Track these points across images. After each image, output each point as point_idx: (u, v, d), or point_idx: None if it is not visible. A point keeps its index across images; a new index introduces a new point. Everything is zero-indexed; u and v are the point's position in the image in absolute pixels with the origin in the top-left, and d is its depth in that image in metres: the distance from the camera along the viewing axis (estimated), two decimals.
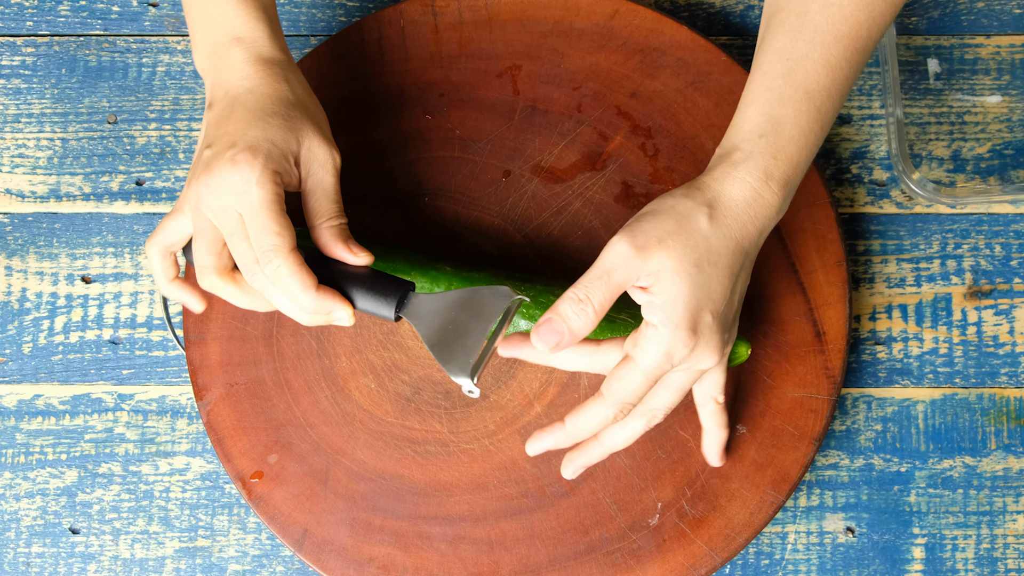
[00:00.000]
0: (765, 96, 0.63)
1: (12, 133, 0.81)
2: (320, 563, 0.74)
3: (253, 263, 0.62)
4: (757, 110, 0.63)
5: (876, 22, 0.64)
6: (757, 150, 0.62)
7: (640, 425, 0.66)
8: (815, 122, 0.63)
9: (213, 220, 0.62)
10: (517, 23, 0.78)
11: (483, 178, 0.77)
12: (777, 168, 0.62)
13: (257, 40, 0.66)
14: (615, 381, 0.62)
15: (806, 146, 0.63)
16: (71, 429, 0.79)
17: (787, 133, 0.63)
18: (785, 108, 0.63)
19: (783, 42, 0.64)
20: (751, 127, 0.63)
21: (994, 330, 0.78)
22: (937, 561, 0.77)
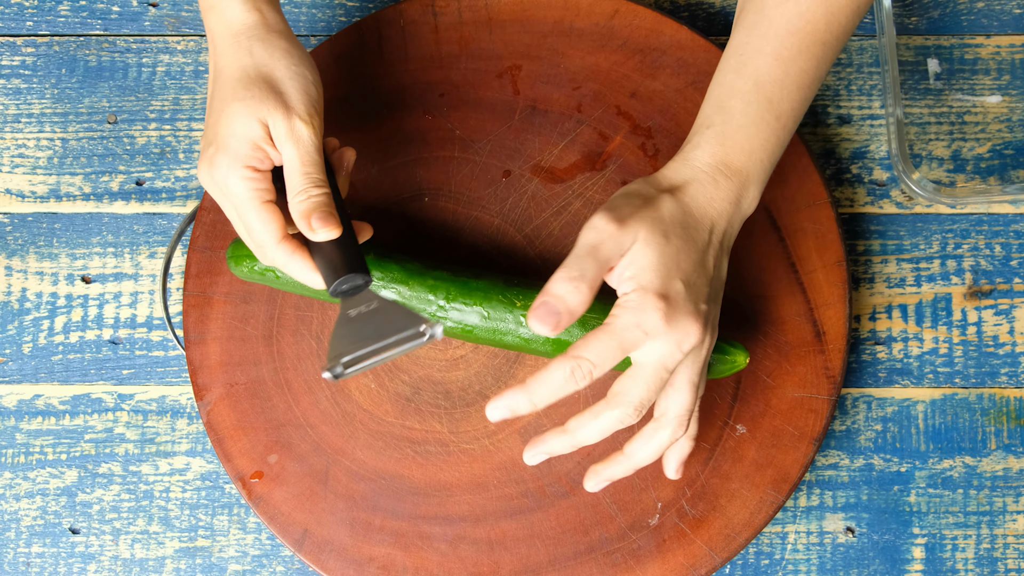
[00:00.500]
0: (717, 91, 0.65)
1: (12, 133, 0.81)
2: (320, 563, 0.74)
3: (257, 248, 0.65)
4: (709, 105, 0.65)
5: (835, 16, 0.64)
6: (704, 140, 0.64)
7: (666, 436, 0.64)
8: (766, 112, 0.64)
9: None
10: (517, 23, 0.78)
11: (483, 178, 0.77)
12: (727, 155, 0.64)
13: (229, 8, 0.65)
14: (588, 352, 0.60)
15: (758, 135, 0.64)
16: (71, 429, 0.79)
17: (735, 122, 0.64)
18: (733, 99, 0.64)
19: (739, 39, 0.65)
20: (701, 120, 0.65)
21: (994, 330, 0.78)
22: (937, 561, 0.77)
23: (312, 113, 0.64)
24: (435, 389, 0.75)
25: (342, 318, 0.63)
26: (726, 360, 0.70)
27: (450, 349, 0.75)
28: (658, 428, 0.64)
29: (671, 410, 0.63)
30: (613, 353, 0.59)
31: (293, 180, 0.64)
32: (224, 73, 0.65)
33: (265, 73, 0.64)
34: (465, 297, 0.71)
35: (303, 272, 0.65)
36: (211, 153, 0.64)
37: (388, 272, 0.71)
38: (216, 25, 0.65)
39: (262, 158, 0.64)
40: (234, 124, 0.63)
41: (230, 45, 0.65)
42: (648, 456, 0.64)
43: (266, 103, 0.63)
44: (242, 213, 0.64)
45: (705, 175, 0.63)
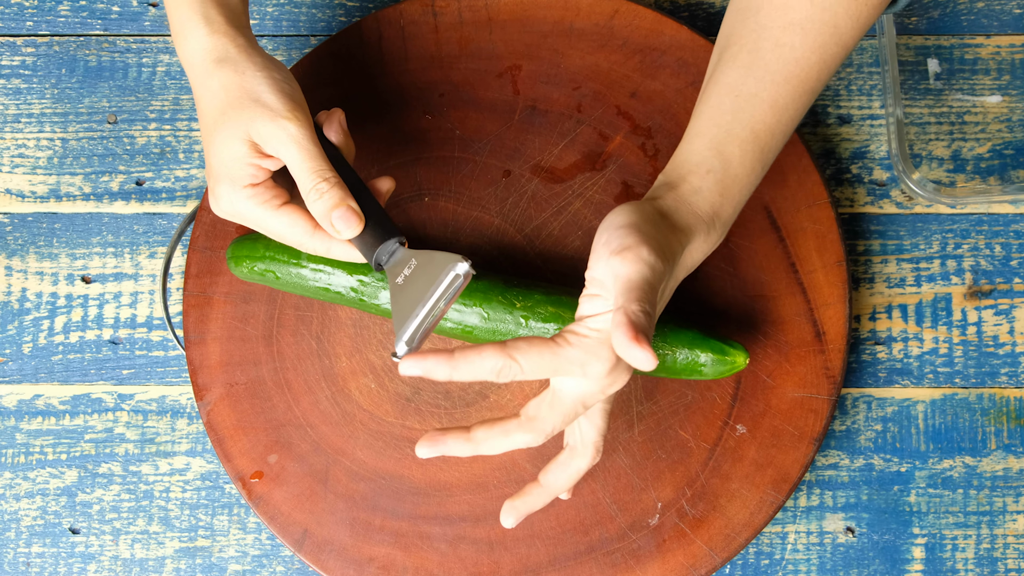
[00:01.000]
0: (713, 131, 0.63)
1: (12, 133, 0.81)
2: (320, 563, 0.74)
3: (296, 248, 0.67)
4: (705, 144, 0.63)
5: (827, 65, 0.63)
6: (706, 186, 0.62)
7: (584, 464, 0.64)
8: (758, 163, 0.63)
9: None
10: (517, 23, 0.78)
11: (483, 178, 0.77)
12: (722, 207, 0.62)
13: (191, 36, 0.65)
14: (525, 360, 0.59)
15: (747, 186, 0.63)
16: (71, 429, 0.79)
17: (732, 172, 0.62)
18: (732, 146, 0.62)
19: (733, 77, 0.63)
20: (699, 160, 0.63)
21: (994, 330, 0.78)
22: (937, 561, 0.77)
23: (293, 108, 0.64)
24: (435, 389, 0.75)
25: (393, 289, 0.63)
26: (726, 360, 0.70)
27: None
28: (574, 456, 0.63)
29: (587, 437, 0.63)
30: (546, 372, 0.59)
31: (300, 180, 0.64)
32: (202, 103, 0.65)
33: (236, 91, 0.64)
34: (465, 298, 0.71)
35: (347, 253, 0.66)
36: (212, 187, 0.65)
37: None
38: (185, 55, 0.66)
39: (255, 173, 0.64)
40: (220, 152, 0.64)
41: (200, 75, 0.65)
42: (566, 484, 0.64)
43: (243, 119, 0.63)
44: (264, 226, 0.65)
45: (703, 227, 0.62)
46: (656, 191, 0.63)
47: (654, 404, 0.74)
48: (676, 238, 0.61)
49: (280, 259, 0.72)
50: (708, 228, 0.62)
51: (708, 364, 0.70)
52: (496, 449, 0.61)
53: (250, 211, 0.65)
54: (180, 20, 0.65)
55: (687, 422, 0.74)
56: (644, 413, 0.74)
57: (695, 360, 0.70)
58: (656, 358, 0.55)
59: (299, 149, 0.63)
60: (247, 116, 0.63)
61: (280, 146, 0.63)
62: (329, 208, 0.63)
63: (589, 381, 0.59)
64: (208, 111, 0.65)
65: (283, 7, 0.82)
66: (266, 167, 0.64)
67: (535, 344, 0.58)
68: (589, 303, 0.60)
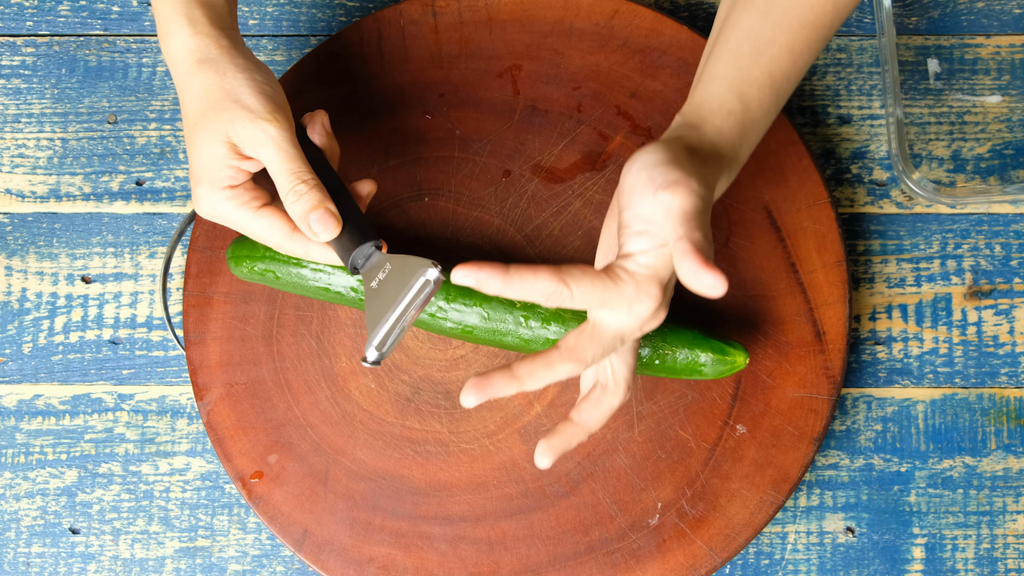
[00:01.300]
0: (732, 73, 0.64)
1: (12, 133, 0.81)
2: (320, 563, 0.74)
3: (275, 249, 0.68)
4: (725, 87, 0.63)
5: (839, 12, 0.64)
6: (727, 126, 0.63)
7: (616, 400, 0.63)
8: (773, 106, 0.64)
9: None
10: (517, 23, 0.78)
11: (483, 178, 0.77)
12: (741, 147, 0.63)
13: (174, 37, 0.65)
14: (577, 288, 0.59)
15: (763, 128, 0.64)
16: (71, 429, 0.79)
17: (751, 114, 0.63)
18: (751, 89, 0.63)
19: (750, 22, 0.64)
20: (719, 102, 0.63)
21: (994, 330, 0.78)
22: (937, 561, 0.77)
23: (273, 110, 0.64)
24: (435, 389, 0.75)
25: (367, 293, 0.64)
26: (726, 360, 0.70)
27: (450, 349, 0.75)
28: (606, 393, 0.63)
29: (619, 375, 0.63)
30: (594, 303, 0.58)
31: (278, 181, 0.64)
32: (184, 104, 0.65)
33: (216, 93, 0.64)
34: (465, 298, 0.71)
35: (325, 255, 0.66)
36: (194, 188, 0.66)
37: None
38: (168, 55, 0.66)
39: (233, 175, 0.64)
40: (201, 154, 0.64)
41: (182, 75, 0.65)
42: (599, 422, 0.63)
43: (222, 120, 0.63)
44: (244, 228, 0.66)
45: (724, 165, 0.63)
46: (677, 131, 0.63)
47: (654, 404, 0.74)
48: (708, 172, 0.61)
49: (280, 259, 0.72)
50: (728, 167, 0.63)
51: (708, 364, 0.70)
52: (540, 382, 0.59)
53: (229, 212, 0.65)
54: (164, 20, 0.65)
55: (687, 422, 0.74)
56: (644, 413, 0.74)
57: (695, 360, 0.70)
58: (726, 281, 0.56)
59: (278, 151, 0.63)
60: (227, 117, 0.63)
61: (259, 147, 0.63)
62: (307, 210, 0.63)
63: (630, 317, 0.59)
64: (190, 112, 0.65)
65: (283, 7, 0.82)
66: (245, 169, 0.65)
67: (588, 273, 0.58)
68: (637, 240, 0.59)
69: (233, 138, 0.64)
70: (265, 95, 0.64)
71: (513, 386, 0.59)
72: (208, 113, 0.64)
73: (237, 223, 0.66)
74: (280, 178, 0.64)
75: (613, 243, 0.65)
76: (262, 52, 0.81)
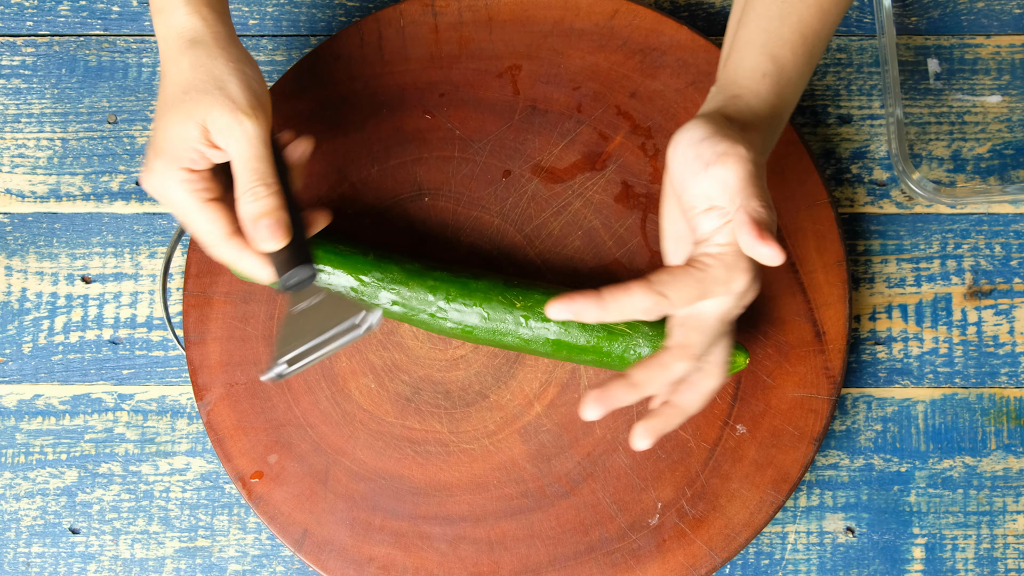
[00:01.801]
0: (763, 37, 0.64)
1: (12, 133, 0.81)
2: (320, 563, 0.74)
3: (206, 247, 0.65)
4: (757, 51, 0.63)
5: None
6: (764, 89, 0.63)
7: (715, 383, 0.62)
8: (807, 66, 0.64)
9: None
10: (517, 23, 0.78)
11: (483, 178, 0.77)
12: (779, 108, 0.63)
13: (174, 12, 0.65)
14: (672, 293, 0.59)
15: (799, 88, 0.64)
16: (71, 429, 0.79)
17: (787, 75, 0.63)
18: (784, 51, 0.63)
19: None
20: (753, 66, 0.63)
21: (994, 330, 0.78)
22: (937, 561, 0.77)
23: (255, 106, 0.63)
24: (435, 389, 0.75)
25: (288, 315, 0.63)
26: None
27: (450, 349, 0.75)
28: (705, 376, 0.62)
29: (715, 356, 0.62)
30: (693, 300, 0.59)
31: (240, 177, 0.63)
32: (167, 78, 0.65)
33: (203, 75, 0.64)
34: (465, 298, 0.71)
35: (254, 268, 0.64)
36: (150, 159, 0.64)
37: (388, 273, 0.71)
38: (161, 30, 0.65)
39: (196, 159, 0.63)
40: (170, 128, 0.63)
41: (172, 50, 0.64)
42: (699, 405, 0.62)
43: (203, 103, 0.63)
44: (184, 215, 0.64)
45: (767, 128, 0.62)
46: (713, 102, 0.63)
47: None
48: (751, 136, 0.61)
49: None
50: (770, 130, 0.62)
51: None
52: (661, 385, 0.59)
53: (178, 194, 0.63)
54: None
55: (687, 422, 0.74)
56: (644, 413, 0.74)
57: None
58: (782, 252, 0.56)
59: (249, 147, 0.63)
60: (208, 101, 0.63)
61: (231, 140, 0.63)
62: (260, 213, 0.62)
63: (729, 298, 0.60)
64: (171, 86, 0.64)
65: (283, 7, 0.82)
66: (209, 156, 0.63)
67: (677, 275, 0.58)
68: (705, 220, 0.59)
69: (208, 124, 0.63)
70: (251, 90, 0.64)
71: (633, 394, 0.59)
72: (190, 93, 0.63)
73: (180, 208, 0.64)
74: (243, 175, 0.63)
75: (679, 228, 0.64)
76: (262, 52, 0.81)
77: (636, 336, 0.70)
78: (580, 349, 0.71)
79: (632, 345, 0.70)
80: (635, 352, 0.70)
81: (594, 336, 0.70)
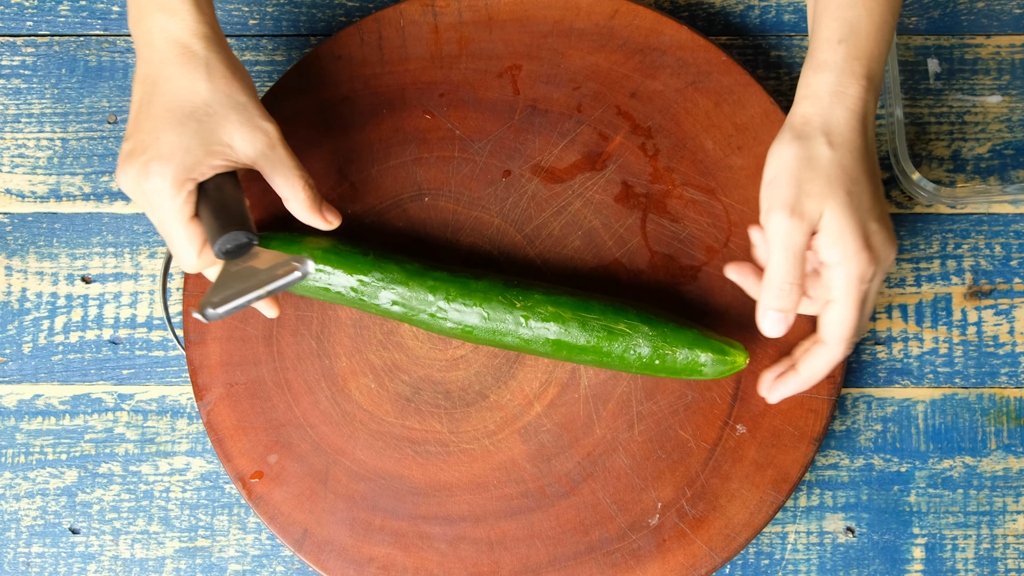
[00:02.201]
0: (834, 2, 0.66)
1: (12, 133, 0.81)
2: (320, 563, 0.74)
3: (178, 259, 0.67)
4: (831, 17, 0.66)
5: None
6: (840, 56, 0.65)
7: (843, 352, 0.67)
8: (887, 13, 0.66)
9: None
10: (517, 23, 0.78)
11: (483, 178, 0.77)
12: (860, 66, 0.65)
13: (179, 14, 0.64)
14: (831, 326, 0.65)
15: (883, 38, 0.66)
16: (71, 429, 0.79)
17: (864, 31, 0.65)
18: (857, 8, 0.65)
19: None
20: (828, 35, 0.66)
21: (994, 330, 0.78)
22: (937, 561, 0.77)
23: (265, 111, 0.66)
24: (435, 389, 0.75)
25: (222, 273, 0.63)
26: (726, 360, 0.70)
27: (450, 349, 0.75)
28: (824, 347, 0.67)
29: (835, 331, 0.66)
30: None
31: (284, 181, 0.66)
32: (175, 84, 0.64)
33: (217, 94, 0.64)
34: (465, 297, 0.71)
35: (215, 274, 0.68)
36: (143, 160, 0.63)
37: (388, 272, 0.71)
38: (163, 32, 0.64)
39: (206, 172, 0.64)
40: (186, 139, 0.63)
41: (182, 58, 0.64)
42: (820, 375, 0.67)
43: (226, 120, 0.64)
44: (168, 227, 0.64)
45: (849, 96, 0.65)
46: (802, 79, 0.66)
47: (654, 404, 0.74)
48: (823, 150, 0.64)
49: None
50: (856, 96, 0.65)
51: (708, 364, 0.70)
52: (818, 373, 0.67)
53: (168, 207, 0.63)
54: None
55: (687, 422, 0.74)
56: (644, 413, 0.74)
57: (695, 360, 0.70)
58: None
59: (278, 151, 0.66)
60: (227, 120, 0.64)
61: (263, 149, 0.65)
62: (317, 201, 0.68)
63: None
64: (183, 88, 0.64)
65: (283, 7, 0.82)
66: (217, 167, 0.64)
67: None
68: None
69: (228, 136, 0.64)
70: (256, 97, 0.66)
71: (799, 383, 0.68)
72: (214, 103, 0.64)
73: (164, 221, 0.64)
74: (282, 180, 0.66)
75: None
76: (262, 52, 0.81)
77: (636, 336, 0.70)
78: (580, 349, 0.71)
79: (632, 345, 0.70)
80: (635, 352, 0.70)
81: (594, 336, 0.70)
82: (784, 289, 0.64)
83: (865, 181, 0.64)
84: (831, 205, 0.63)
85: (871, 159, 0.65)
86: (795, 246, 0.63)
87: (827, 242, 0.63)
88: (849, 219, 0.63)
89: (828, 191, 0.63)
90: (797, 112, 0.65)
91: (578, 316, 0.70)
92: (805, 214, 0.63)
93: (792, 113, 0.66)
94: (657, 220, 0.76)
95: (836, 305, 0.64)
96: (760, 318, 0.66)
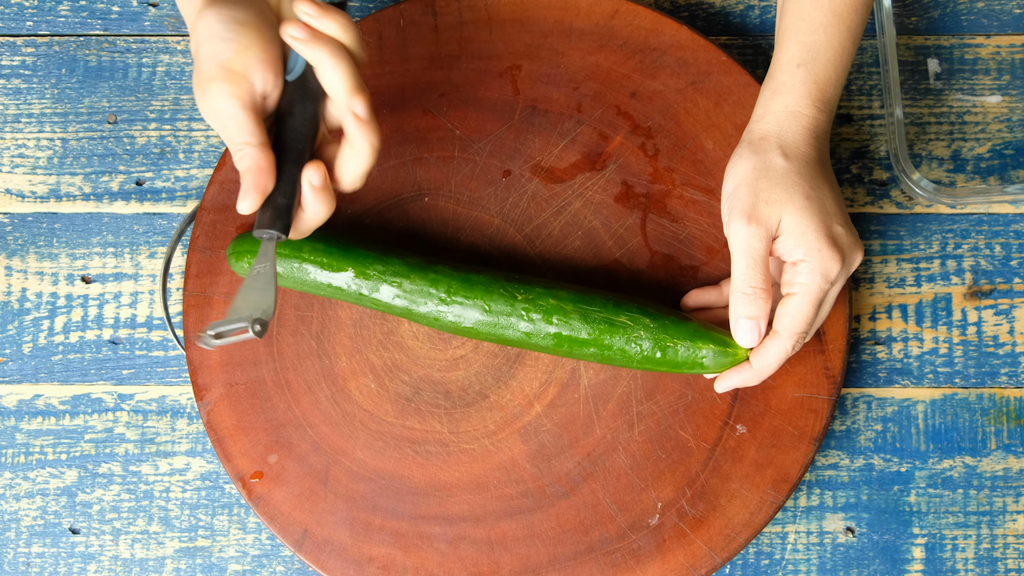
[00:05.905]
0: (797, 25, 0.68)
1: (12, 133, 0.81)
2: (320, 563, 0.74)
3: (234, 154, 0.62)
4: (792, 40, 0.68)
5: None
6: (798, 80, 0.67)
7: (793, 347, 0.68)
8: (847, 40, 0.68)
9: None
10: (517, 23, 0.78)
11: (483, 178, 0.77)
12: (817, 90, 0.67)
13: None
14: (786, 318, 0.66)
15: (841, 63, 0.68)
16: (71, 429, 0.79)
17: (823, 57, 0.67)
18: (818, 34, 0.67)
19: None
20: (788, 58, 0.68)
21: (994, 330, 0.78)
22: (937, 561, 0.77)
23: None
24: (435, 389, 0.75)
25: (250, 274, 0.62)
26: (727, 352, 0.70)
27: (450, 349, 0.75)
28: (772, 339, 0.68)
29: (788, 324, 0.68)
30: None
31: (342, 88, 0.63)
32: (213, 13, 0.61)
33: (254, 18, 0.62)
34: (466, 291, 0.71)
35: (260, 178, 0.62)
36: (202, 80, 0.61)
37: (390, 266, 0.71)
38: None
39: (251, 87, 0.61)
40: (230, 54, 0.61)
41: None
42: (770, 368, 0.69)
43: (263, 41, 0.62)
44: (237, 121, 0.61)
45: (804, 116, 0.67)
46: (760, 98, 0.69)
47: (654, 404, 0.74)
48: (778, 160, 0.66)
49: (281, 253, 0.72)
50: (811, 115, 0.67)
51: (709, 357, 0.70)
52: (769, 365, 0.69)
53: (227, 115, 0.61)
54: None
55: (687, 422, 0.74)
56: (644, 413, 0.74)
57: (696, 353, 0.70)
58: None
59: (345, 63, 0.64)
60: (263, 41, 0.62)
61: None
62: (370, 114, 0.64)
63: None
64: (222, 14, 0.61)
65: None
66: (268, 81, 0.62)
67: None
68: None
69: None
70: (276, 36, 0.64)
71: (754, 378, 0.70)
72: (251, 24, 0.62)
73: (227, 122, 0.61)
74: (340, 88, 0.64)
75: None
76: None
77: (637, 328, 0.70)
78: (582, 342, 0.71)
79: (633, 338, 0.70)
80: (636, 345, 0.70)
81: (595, 329, 0.70)
82: (748, 294, 0.66)
83: (825, 188, 0.67)
84: (789, 209, 0.65)
85: (827, 171, 0.68)
86: (754, 251, 0.65)
87: (790, 244, 0.65)
88: (811, 219, 0.65)
89: (785, 197, 0.65)
90: (754, 130, 0.68)
91: (579, 308, 0.70)
92: (762, 220, 0.65)
93: (749, 130, 0.68)
94: (657, 220, 0.76)
95: (795, 298, 0.66)
96: (732, 327, 0.67)
